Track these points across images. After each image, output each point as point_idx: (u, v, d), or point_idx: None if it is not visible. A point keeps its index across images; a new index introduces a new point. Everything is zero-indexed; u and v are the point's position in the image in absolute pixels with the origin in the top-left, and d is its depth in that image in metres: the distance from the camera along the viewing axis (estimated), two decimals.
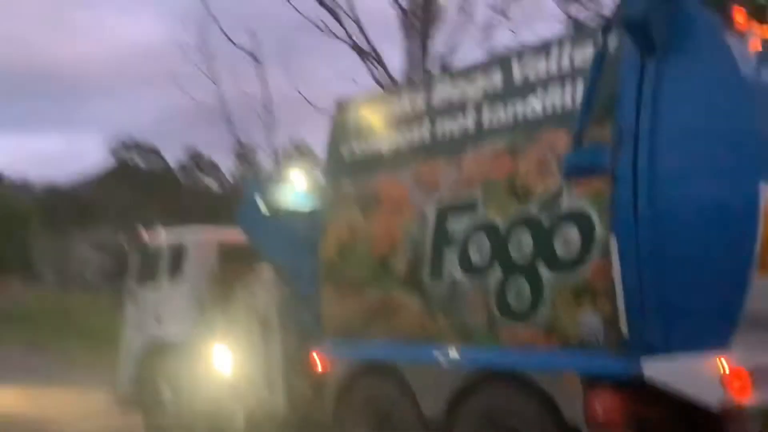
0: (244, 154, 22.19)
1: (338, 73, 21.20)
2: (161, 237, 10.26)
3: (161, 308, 9.83)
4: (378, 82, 15.21)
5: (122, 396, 10.15)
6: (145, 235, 10.28)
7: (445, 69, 14.27)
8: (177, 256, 9.81)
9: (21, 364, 15.36)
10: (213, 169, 66.77)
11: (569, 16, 14.32)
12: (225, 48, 16.82)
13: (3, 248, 45.46)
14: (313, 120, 17.97)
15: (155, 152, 66.58)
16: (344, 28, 15.34)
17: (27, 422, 10.23)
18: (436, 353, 6.60)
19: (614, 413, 5.53)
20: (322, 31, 15.45)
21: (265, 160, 17.83)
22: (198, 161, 68.55)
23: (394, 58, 15.76)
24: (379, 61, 15.33)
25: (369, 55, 15.28)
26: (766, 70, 5.43)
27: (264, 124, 17.17)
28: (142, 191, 57.31)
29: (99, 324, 15.95)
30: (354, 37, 15.36)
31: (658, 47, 5.49)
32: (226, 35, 16.58)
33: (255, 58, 16.81)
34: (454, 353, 6.51)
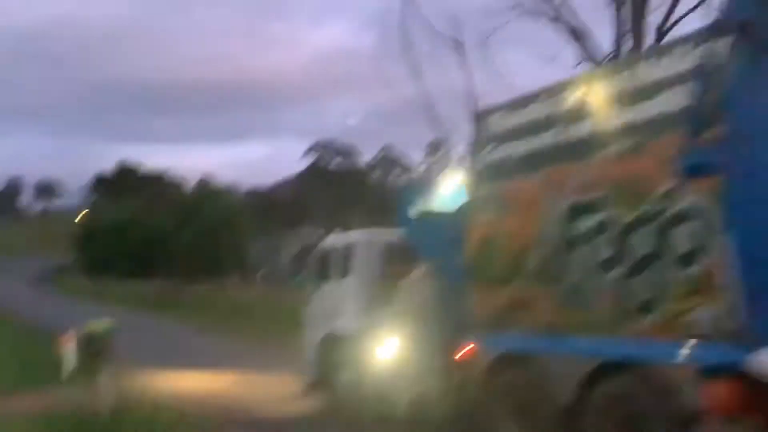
0: (443, 148, 21.35)
1: (540, 57, 20.44)
2: (335, 238, 11.42)
3: (335, 303, 10.95)
4: (589, 61, 14.58)
5: (307, 382, 11.41)
6: (323, 237, 11.48)
7: (661, 40, 13.43)
8: (347, 256, 10.90)
9: (230, 352, 17.23)
10: (405, 167, 68.87)
11: None
12: (425, 41, 16.24)
13: (219, 250, 49.75)
14: None
15: (352, 153, 69.83)
16: (551, 5, 14.90)
17: (233, 401, 11.71)
18: (568, 344, 7.10)
19: (728, 402, 5.79)
20: (525, 11, 14.98)
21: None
22: (392, 160, 71.02)
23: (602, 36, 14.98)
24: (586, 39, 14.67)
25: (577, 33, 14.63)
26: None
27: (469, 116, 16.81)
28: (338, 191, 60.76)
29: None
30: (561, 15, 14.79)
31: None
32: (428, 24, 15.94)
33: (458, 46, 15.76)
34: (583, 344, 6.97)
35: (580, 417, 6.99)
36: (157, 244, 54.13)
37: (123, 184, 67.00)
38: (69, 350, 13.51)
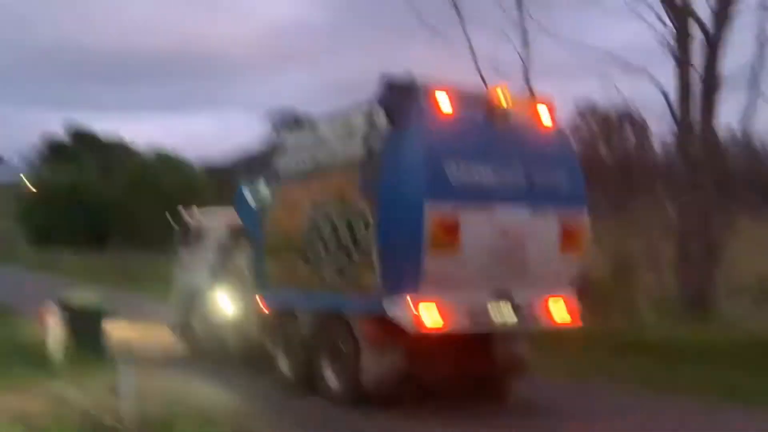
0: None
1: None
2: (195, 216, 15.15)
3: (194, 266, 14.70)
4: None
5: (173, 327, 15.18)
6: (187, 216, 15.21)
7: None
8: (202, 230, 14.67)
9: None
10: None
11: None
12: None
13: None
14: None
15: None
16: None
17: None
18: (309, 298, 10.92)
19: (373, 334, 9.66)
20: None
21: None
22: None
23: None
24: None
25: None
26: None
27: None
28: None
29: None
30: None
31: (396, 119, 9.46)
32: None
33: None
34: (316, 298, 10.80)
35: (314, 343, 10.80)
36: (111, 212, 54.52)
37: (75, 149, 67.51)
38: (53, 329, 12.13)
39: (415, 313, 9.21)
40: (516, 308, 9.79)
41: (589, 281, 16.09)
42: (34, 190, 60.28)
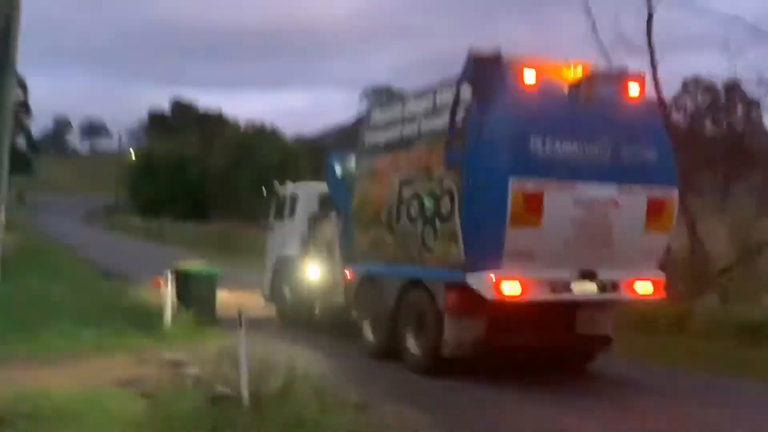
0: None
1: None
2: (286, 189, 15.64)
3: (284, 237, 15.22)
4: None
5: (265, 295, 15.78)
6: (281, 189, 15.73)
7: None
8: (293, 202, 15.14)
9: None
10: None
11: None
12: None
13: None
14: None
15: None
16: None
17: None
18: (394, 269, 11.20)
19: (457, 304, 9.86)
20: None
21: None
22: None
23: None
24: None
25: None
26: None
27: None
28: None
29: None
30: None
31: (482, 95, 9.56)
32: None
33: None
34: (401, 269, 11.06)
35: (397, 314, 11.09)
36: (213, 184, 56.54)
37: (179, 122, 70.17)
38: (166, 296, 12.20)
39: (496, 284, 9.35)
40: (601, 287, 9.79)
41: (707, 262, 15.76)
42: (137, 161, 63.09)
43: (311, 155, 55.72)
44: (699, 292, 14.85)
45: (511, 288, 9.38)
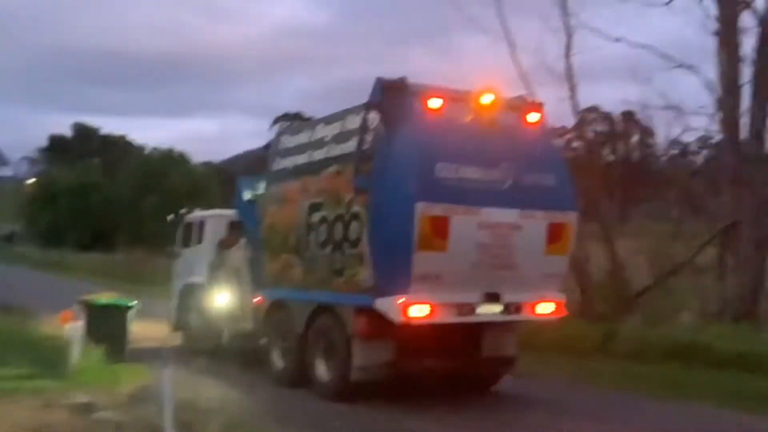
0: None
1: None
2: (194, 215, 15.44)
3: (193, 263, 14.98)
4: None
5: (172, 324, 15.45)
6: (188, 215, 15.51)
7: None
8: (201, 228, 14.95)
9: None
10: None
11: None
12: None
13: None
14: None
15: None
16: None
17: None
18: (303, 295, 11.18)
19: (365, 328, 9.92)
20: None
21: None
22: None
23: None
24: None
25: None
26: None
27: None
28: None
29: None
30: None
31: (390, 121, 9.72)
32: None
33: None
34: (310, 295, 11.05)
35: (306, 340, 11.06)
36: (118, 212, 54.74)
37: (81, 148, 68.04)
38: (74, 331, 11.21)
39: (404, 308, 9.48)
40: (505, 308, 10.06)
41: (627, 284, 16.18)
42: (36, 189, 60.42)
43: (221, 182, 55.03)
44: (620, 313, 15.28)
45: (418, 311, 9.52)
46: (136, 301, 12.75)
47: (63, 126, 73.04)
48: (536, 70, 16.59)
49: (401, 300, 9.46)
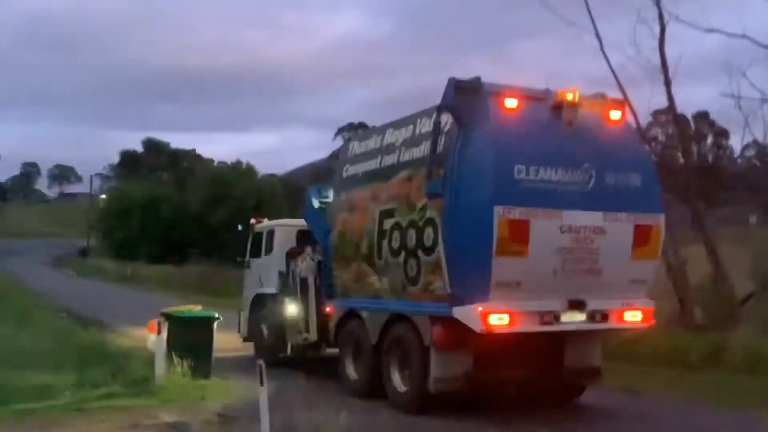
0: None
1: None
2: (262, 225, 15.28)
3: (261, 273, 14.81)
4: None
5: (243, 334, 15.30)
6: (257, 226, 15.36)
7: None
8: (270, 239, 14.76)
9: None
10: None
11: None
12: None
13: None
14: None
15: None
16: None
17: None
18: (378, 304, 10.85)
19: (444, 338, 9.49)
20: None
21: None
22: None
23: None
24: None
25: None
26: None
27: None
28: None
29: None
30: None
31: (464, 122, 9.32)
32: None
33: None
34: (385, 304, 10.71)
35: (381, 350, 10.71)
36: (189, 223, 55.52)
37: (152, 162, 69.35)
38: (159, 344, 10.60)
39: (484, 317, 9.04)
40: (590, 316, 9.53)
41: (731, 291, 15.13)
42: (109, 203, 61.57)
43: (286, 194, 55.39)
44: (723, 323, 14.28)
45: (499, 320, 9.07)
46: (216, 314, 12.19)
47: (133, 142, 74.56)
48: (625, 66, 15.66)
49: (480, 308, 9.03)
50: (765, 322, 14.45)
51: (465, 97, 9.44)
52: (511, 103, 9.32)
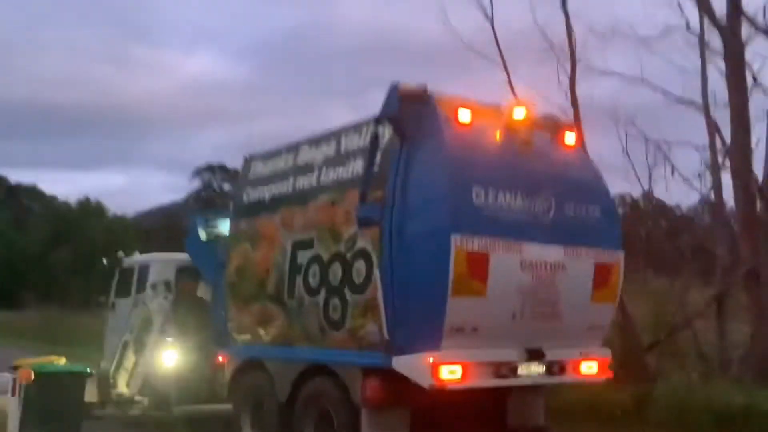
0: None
1: None
2: (133, 260, 12.95)
3: (130, 316, 12.43)
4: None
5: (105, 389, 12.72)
6: (127, 260, 13.00)
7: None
8: (143, 275, 12.46)
9: None
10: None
11: None
12: None
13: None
14: None
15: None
16: None
17: None
18: (288, 352, 8.90)
19: (379, 394, 7.72)
20: None
21: None
22: None
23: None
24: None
25: None
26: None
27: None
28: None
29: None
30: None
31: (408, 136, 7.71)
32: None
33: None
34: (297, 352, 8.79)
35: (294, 408, 8.76)
36: (27, 264, 50.37)
37: None
38: (11, 408, 8.78)
39: (434, 369, 7.36)
40: (548, 368, 8.07)
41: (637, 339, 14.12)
42: None
43: (137, 236, 51.67)
44: (636, 373, 13.21)
45: (450, 374, 7.40)
46: (87, 368, 9.92)
47: None
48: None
49: (431, 359, 7.35)
50: (677, 371, 13.71)
51: (411, 107, 7.85)
52: (465, 116, 7.83)
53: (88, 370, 9.88)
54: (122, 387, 11.60)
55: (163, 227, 56.93)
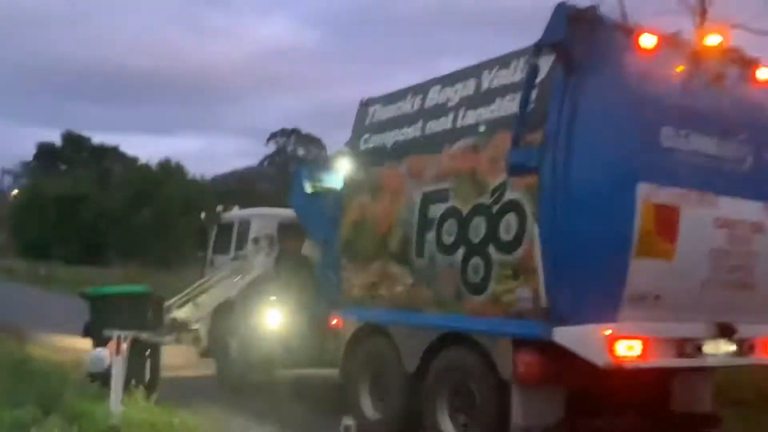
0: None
1: None
2: (232, 215, 11.95)
3: (230, 274, 11.43)
4: None
5: (202, 349, 11.86)
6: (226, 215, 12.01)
7: None
8: (242, 231, 11.44)
9: None
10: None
11: None
12: None
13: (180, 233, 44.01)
14: None
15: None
16: None
17: None
18: (417, 318, 7.71)
19: (534, 370, 6.46)
20: None
21: None
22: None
23: None
24: None
25: None
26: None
27: None
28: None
29: None
30: None
31: (577, 66, 6.32)
32: None
33: None
34: (428, 319, 7.59)
35: (421, 382, 7.58)
36: (110, 224, 50.68)
37: (71, 157, 63.38)
38: (116, 365, 7.70)
39: (611, 345, 6.04)
40: (739, 347, 6.66)
41: None
42: (22, 199, 56.10)
43: (215, 198, 51.10)
44: None
45: (628, 350, 6.08)
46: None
47: (51, 139, 68.09)
48: None
49: (608, 332, 6.04)
50: None
51: (582, 32, 6.43)
52: (648, 41, 6.39)
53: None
54: (181, 313, 10.38)
55: (238, 190, 56.93)
